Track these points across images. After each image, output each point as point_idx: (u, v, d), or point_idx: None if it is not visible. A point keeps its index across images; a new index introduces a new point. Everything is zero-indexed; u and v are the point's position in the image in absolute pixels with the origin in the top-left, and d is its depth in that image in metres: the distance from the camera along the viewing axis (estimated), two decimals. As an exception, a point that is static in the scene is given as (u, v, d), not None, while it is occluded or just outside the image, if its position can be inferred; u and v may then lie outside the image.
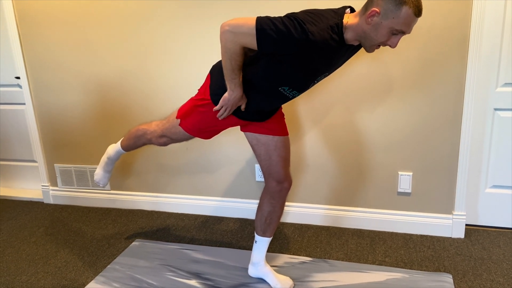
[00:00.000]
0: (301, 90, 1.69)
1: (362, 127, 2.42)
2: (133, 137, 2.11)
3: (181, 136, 1.93)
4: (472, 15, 2.11)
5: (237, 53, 1.54)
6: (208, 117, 1.81)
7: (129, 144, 2.16)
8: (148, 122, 2.10)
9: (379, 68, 2.30)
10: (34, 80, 2.93)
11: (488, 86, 2.28)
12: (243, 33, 1.49)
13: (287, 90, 1.67)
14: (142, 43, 2.64)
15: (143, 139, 2.07)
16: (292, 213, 2.67)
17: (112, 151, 2.25)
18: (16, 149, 3.32)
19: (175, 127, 1.91)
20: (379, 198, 2.51)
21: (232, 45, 1.52)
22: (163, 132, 1.96)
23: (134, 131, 2.10)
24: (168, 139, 1.98)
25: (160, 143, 2.01)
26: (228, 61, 1.57)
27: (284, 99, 1.73)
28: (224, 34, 1.51)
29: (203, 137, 1.93)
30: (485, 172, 2.41)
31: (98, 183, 2.33)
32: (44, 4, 2.74)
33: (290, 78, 1.60)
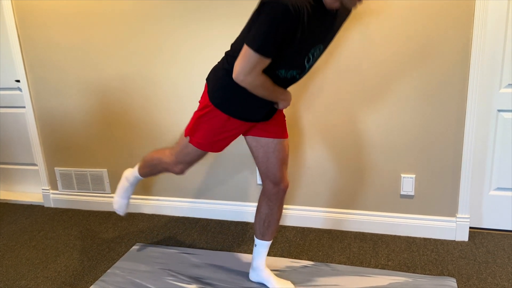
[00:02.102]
0: (298, 68, 1.63)
1: (365, 129, 2.40)
2: (148, 165, 2.06)
3: (195, 156, 1.87)
4: (474, 16, 2.09)
5: (264, 80, 1.57)
6: (215, 124, 1.76)
7: (145, 172, 2.10)
8: (161, 149, 2.02)
9: (381, 70, 2.28)
10: (34, 84, 2.93)
11: (491, 87, 2.26)
12: (253, 66, 1.50)
13: (284, 73, 1.63)
14: (143, 46, 2.63)
15: (159, 167, 2.01)
16: (293, 216, 2.65)
17: (130, 176, 2.19)
18: (17, 152, 3.31)
19: (186, 147, 1.85)
20: (381, 201, 2.49)
21: (257, 81, 1.55)
22: (177, 159, 1.90)
23: (149, 159, 2.04)
24: (184, 164, 1.91)
25: (177, 171, 1.94)
26: (264, 90, 1.60)
27: (285, 83, 1.69)
28: (244, 82, 1.55)
29: (215, 150, 1.86)
30: (489, 174, 2.39)
31: (118, 211, 2.26)
32: (44, 7, 2.73)
33: (283, 60, 1.57)
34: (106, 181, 2.98)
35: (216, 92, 1.72)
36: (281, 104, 1.75)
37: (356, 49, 2.29)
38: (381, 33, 2.24)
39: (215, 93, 1.72)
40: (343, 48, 2.31)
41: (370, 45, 2.27)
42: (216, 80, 1.71)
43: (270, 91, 1.63)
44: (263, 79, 1.57)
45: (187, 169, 1.95)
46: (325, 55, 2.34)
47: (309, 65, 1.67)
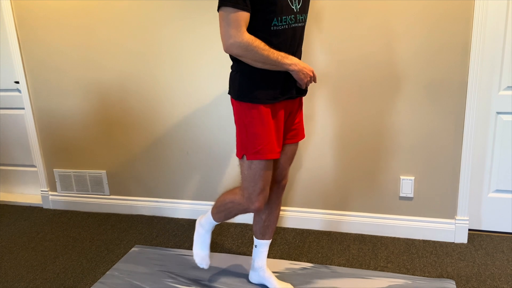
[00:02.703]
0: (288, 12, 1.59)
1: (364, 131, 2.40)
2: (222, 210, 1.89)
3: (261, 175, 1.70)
4: (474, 18, 2.10)
5: (253, 39, 1.52)
6: (257, 121, 1.66)
7: (220, 217, 1.93)
8: (232, 190, 1.88)
9: (380, 72, 2.29)
10: (33, 85, 2.92)
11: (490, 90, 2.26)
12: (233, 25, 1.49)
13: (279, 22, 1.58)
14: (143, 48, 2.63)
15: (234, 210, 1.85)
16: (293, 218, 2.65)
17: (205, 222, 2.00)
18: (15, 154, 3.31)
19: (249, 168, 1.70)
20: (381, 203, 2.49)
21: (246, 41, 1.51)
22: (248, 192, 1.73)
23: (222, 203, 1.88)
24: (258, 195, 1.73)
25: (255, 208, 1.75)
26: (261, 54, 1.54)
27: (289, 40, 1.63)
28: (233, 47, 1.52)
29: (275, 154, 1.70)
30: (488, 176, 2.39)
31: (201, 265, 2.03)
32: (43, 8, 2.73)
33: (266, 7, 1.54)
34: (105, 182, 2.98)
35: (239, 90, 1.67)
36: (294, 72, 1.62)
37: (354, 51, 2.29)
38: (380, 35, 2.24)
39: (238, 92, 1.68)
40: (341, 50, 2.31)
41: (369, 47, 2.27)
42: (233, 80, 1.70)
43: (267, 53, 1.55)
44: (250, 38, 1.52)
45: (264, 200, 1.76)
46: (324, 57, 2.34)
47: (296, 8, 1.62)
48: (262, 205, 1.76)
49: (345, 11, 2.25)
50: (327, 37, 2.31)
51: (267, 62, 1.57)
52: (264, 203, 1.76)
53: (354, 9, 2.23)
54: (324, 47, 2.33)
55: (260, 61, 1.57)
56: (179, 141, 2.74)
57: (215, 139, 2.66)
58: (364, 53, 2.28)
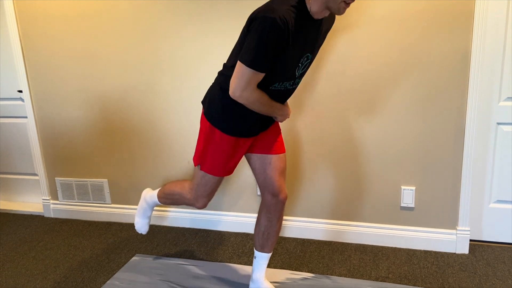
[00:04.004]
0: (290, 79, 1.67)
1: (365, 141, 2.41)
2: (169, 198, 2.07)
3: (212, 184, 1.86)
4: (473, 29, 2.11)
5: (260, 95, 1.61)
6: (222, 145, 1.77)
7: (165, 202, 2.11)
8: (182, 182, 2.03)
9: (381, 82, 2.30)
10: (36, 94, 2.94)
11: (490, 100, 2.27)
12: (247, 82, 1.54)
13: (278, 86, 1.67)
14: (145, 57, 2.65)
15: (180, 201, 2.02)
16: (293, 227, 2.65)
17: (149, 198, 2.20)
18: (17, 162, 3.32)
19: (201, 177, 1.85)
20: (382, 213, 2.48)
21: (253, 96, 1.59)
22: (197, 193, 1.90)
23: (170, 192, 2.05)
24: (204, 198, 1.91)
25: (199, 206, 1.94)
26: (261, 105, 1.64)
27: (280, 97, 1.73)
28: (241, 98, 1.58)
29: (227, 173, 1.86)
30: (489, 186, 2.39)
31: (140, 231, 2.30)
32: (47, 19, 2.76)
33: (275, 72, 1.59)
34: (106, 191, 2.99)
35: (215, 113, 1.74)
36: (279, 118, 1.80)
37: (353, 60, 2.31)
38: (379, 44, 2.26)
39: (214, 114, 1.75)
40: (339, 59, 2.33)
41: (368, 56, 2.29)
42: (213, 101, 1.75)
43: (268, 106, 1.67)
44: (259, 94, 1.60)
45: (209, 201, 1.94)
46: (323, 65, 2.36)
47: (299, 74, 1.70)
48: (205, 205, 1.95)
49: (341, 19, 2.27)
50: (324, 45, 2.33)
51: (263, 111, 1.68)
52: (207, 204, 1.95)
53: (351, 17, 2.25)
54: (322, 55, 2.35)
55: (259, 110, 1.67)
56: (180, 150, 2.75)
57: (217, 149, 2.67)
58: (363, 61, 2.30)
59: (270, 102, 1.67)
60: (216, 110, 1.74)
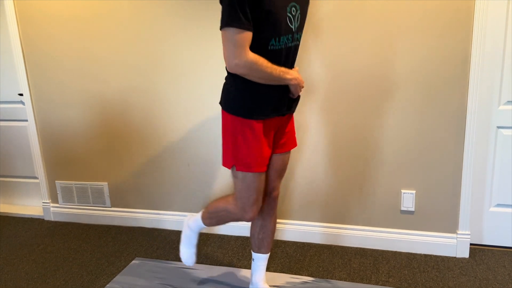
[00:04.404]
0: (285, 32, 1.63)
1: (364, 145, 2.41)
2: (214, 217, 1.91)
3: (254, 186, 1.73)
4: (473, 33, 2.12)
5: (257, 58, 1.56)
6: (252, 135, 1.70)
7: (212, 222, 1.95)
8: (225, 197, 1.90)
9: (382, 85, 2.30)
10: (37, 97, 2.95)
11: (490, 104, 2.27)
12: (236, 45, 1.51)
13: (276, 42, 1.62)
14: (145, 60, 2.65)
15: (227, 219, 1.88)
16: (293, 231, 2.64)
17: (192, 223, 2.03)
18: (18, 165, 3.32)
19: (241, 180, 1.73)
20: (382, 217, 2.48)
21: (250, 60, 1.54)
22: (242, 202, 1.76)
23: (214, 210, 1.90)
24: (252, 206, 1.76)
25: (249, 218, 1.78)
26: (263, 71, 1.58)
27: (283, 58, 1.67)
28: (238, 67, 1.55)
29: (264, 168, 1.75)
30: (489, 190, 2.39)
31: (187, 263, 2.08)
32: (48, 21, 2.77)
33: (265, 28, 1.56)
34: (106, 194, 2.99)
35: (232, 102, 1.70)
36: (292, 86, 1.70)
37: (353, 63, 2.31)
38: (379, 48, 2.26)
39: (232, 104, 1.70)
40: (340, 62, 2.33)
41: (368, 59, 2.29)
42: (228, 92, 1.72)
43: (272, 69, 1.60)
44: (254, 56, 1.55)
45: (257, 210, 1.80)
46: (322, 69, 2.36)
47: (296, 28, 1.66)
48: (255, 215, 1.79)
49: (342, 23, 2.28)
50: (324, 48, 2.34)
51: (270, 79, 1.61)
52: (257, 213, 1.79)
53: (352, 20, 2.26)
54: (322, 59, 2.35)
55: (264, 78, 1.61)
56: (180, 153, 2.75)
57: (216, 151, 2.67)
58: (363, 65, 2.30)
59: (272, 66, 1.60)
60: (234, 98, 1.69)
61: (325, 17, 2.29)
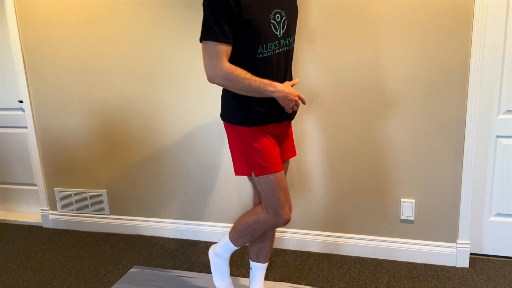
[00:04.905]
0: (272, 39, 1.64)
1: (364, 153, 2.41)
2: (246, 233, 1.84)
3: (279, 187, 1.71)
4: (472, 42, 2.13)
5: (234, 69, 1.58)
6: (259, 139, 1.71)
7: (245, 240, 1.88)
8: (251, 210, 1.86)
9: (381, 95, 2.31)
10: (37, 104, 2.95)
11: (489, 113, 2.28)
12: (213, 56, 1.55)
13: (264, 49, 1.63)
14: (145, 68, 2.66)
15: (260, 229, 1.81)
16: (292, 239, 2.63)
17: (219, 249, 1.96)
18: (17, 172, 3.32)
19: (264, 185, 1.71)
20: (381, 226, 2.47)
21: (226, 70, 1.57)
22: (272, 207, 1.73)
23: (245, 227, 1.84)
24: (284, 207, 1.73)
25: (286, 219, 1.74)
26: (242, 82, 1.59)
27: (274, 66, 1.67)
28: (215, 77, 1.59)
29: (281, 166, 1.73)
30: (489, 200, 2.38)
31: None
32: (48, 29, 2.78)
33: (252, 39, 1.59)
34: (105, 202, 2.98)
35: (232, 115, 1.72)
36: (279, 99, 1.67)
37: (351, 72, 2.32)
38: (377, 56, 2.27)
39: (231, 114, 1.73)
40: (338, 71, 2.33)
41: (367, 68, 2.30)
42: (226, 103, 1.74)
43: (249, 82, 1.60)
44: (231, 68, 1.58)
45: (290, 210, 1.77)
46: (321, 77, 2.37)
47: (281, 34, 1.67)
48: (289, 216, 1.76)
49: (339, 31, 2.29)
50: (321, 57, 2.35)
51: (249, 90, 1.63)
52: (290, 213, 1.77)
53: (348, 28, 2.27)
54: (319, 67, 2.36)
55: (243, 89, 1.63)
56: (180, 161, 2.75)
57: (216, 159, 2.67)
58: (361, 74, 2.31)
59: (251, 77, 1.60)
60: (232, 108, 1.72)
61: (324, 24, 2.31)
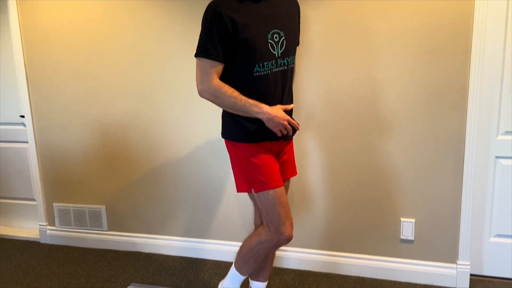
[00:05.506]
0: (269, 58, 1.67)
1: (363, 172, 2.41)
2: (250, 257, 1.83)
3: (279, 202, 1.71)
4: (471, 63, 2.15)
5: (222, 86, 1.64)
6: (258, 155, 1.72)
7: (249, 266, 1.86)
8: (252, 234, 1.86)
9: (380, 115, 2.32)
10: (38, 119, 2.97)
11: (489, 134, 2.29)
12: (204, 72, 1.63)
13: (261, 68, 1.66)
14: (145, 85, 2.68)
15: (263, 251, 1.80)
16: (292, 258, 2.61)
17: (228, 282, 1.94)
18: (16, 187, 3.31)
19: (264, 201, 1.72)
20: (381, 245, 2.46)
21: (214, 86, 1.63)
22: (274, 224, 1.72)
23: (247, 251, 1.83)
24: (285, 223, 1.72)
25: (288, 235, 1.73)
26: (227, 100, 1.64)
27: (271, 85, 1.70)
28: (204, 92, 1.65)
29: (279, 182, 1.74)
30: (489, 220, 2.38)
31: None
32: (51, 47, 2.81)
33: (249, 57, 1.64)
34: (104, 218, 2.97)
35: (231, 132, 1.76)
36: (264, 121, 1.67)
37: (351, 92, 2.34)
38: (378, 78, 2.29)
39: (230, 131, 1.76)
40: (337, 90, 2.35)
41: (365, 89, 2.32)
42: (225, 121, 1.78)
43: (234, 100, 1.64)
44: (219, 84, 1.63)
45: (292, 226, 1.76)
46: (319, 97, 2.38)
47: (280, 53, 1.70)
48: (291, 233, 1.75)
49: (339, 50, 2.31)
50: (319, 76, 2.37)
51: (235, 108, 1.66)
52: (292, 230, 1.76)
53: (348, 47, 2.30)
54: (317, 85, 2.38)
55: (229, 107, 1.67)
56: (180, 177, 2.75)
57: (216, 175, 2.67)
58: (361, 94, 2.33)
59: (238, 96, 1.64)
60: (231, 125, 1.75)
61: (322, 42, 2.33)
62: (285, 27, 1.72)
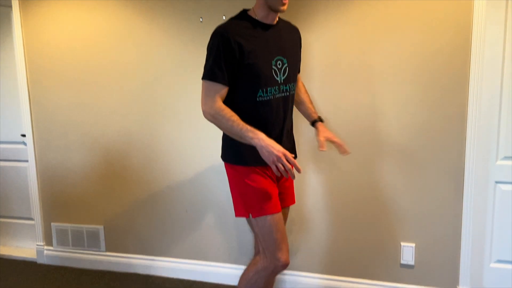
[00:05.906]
0: (272, 84, 1.71)
1: (364, 197, 2.41)
2: (249, 286, 1.83)
3: (276, 229, 1.70)
4: (469, 87, 2.17)
5: (223, 108, 1.66)
6: (257, 179, 1.73)
7: None
8: (248, 265, 1.87)
9: (380, 140, 2.33)
10: (39, 138, 2.97)
11: (488, 159, 2.29)
12: (208, 94, 1.66)
13: (264, 93, 1.70)
14: (145, 105, 2.70)
15: (261, 279, 1.80)
16: (290, 281, 2.59)
17: None
18: (14, 206, 3.29)
19: (261, 227, 1.72)
20: (381, 270, 2.44)
21: (216, 108, 1.65)
22: (269, 250, 1.72)
23: (246, 282, 1.83)
24: (281, 249, 1.72)
25: (284, 261, 1.72)
26: (227, 123, 1.65)
27: (273, 111, 1.73)
28: (206, 113, 1.68)
29: (278, 208, 1.74)
30: (489, 246, 2.36)
31: None
32: (54, 67, 2.84)
33: (253, 82, 1.68)
34: (101, 238, 2.94)
35: (231, 155, 1.77)
36: (257, 148, 1.61)
37: (355, 121, 2.35)
38: (378, 104, 2.31)
39: (229, 154, 1.78)
40: (336, 115, 2.37)
41: (368, 114, 2.33)
42: (225, 144, 1.80)
43: (232, 124, 1.64)
44: (220, 107, 1.66)
45: (288, 253, 1.75)
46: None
47: (282, 80, 1.74)
48: (287, 258, 1.74)
49: (337, 74, 2.34)
50: (320, 101, 2.39)
51: (232, 132, 1.68)
52: (288, 255, 1.75)
53: (348, 73, 2.32)
54: (318, 111, 2.39)
55: (226, 130, 1.69)
56: (178, 198, 2.74)
57: (215, 198, 2.67)
58: (360, 118, 2.34)
59: (236, 121, 1.64)
60: (230, 148, 1.77)
61: (322, 69, 2.36)
62: (288, 55, 1.77)
